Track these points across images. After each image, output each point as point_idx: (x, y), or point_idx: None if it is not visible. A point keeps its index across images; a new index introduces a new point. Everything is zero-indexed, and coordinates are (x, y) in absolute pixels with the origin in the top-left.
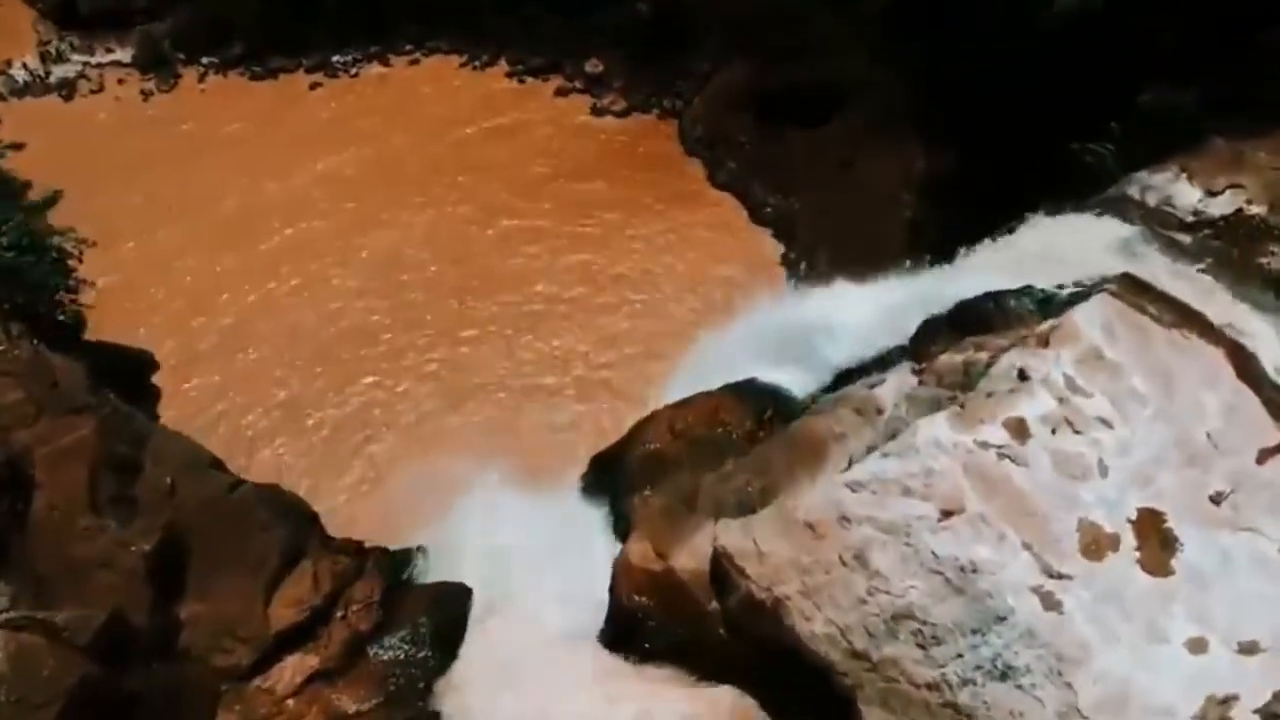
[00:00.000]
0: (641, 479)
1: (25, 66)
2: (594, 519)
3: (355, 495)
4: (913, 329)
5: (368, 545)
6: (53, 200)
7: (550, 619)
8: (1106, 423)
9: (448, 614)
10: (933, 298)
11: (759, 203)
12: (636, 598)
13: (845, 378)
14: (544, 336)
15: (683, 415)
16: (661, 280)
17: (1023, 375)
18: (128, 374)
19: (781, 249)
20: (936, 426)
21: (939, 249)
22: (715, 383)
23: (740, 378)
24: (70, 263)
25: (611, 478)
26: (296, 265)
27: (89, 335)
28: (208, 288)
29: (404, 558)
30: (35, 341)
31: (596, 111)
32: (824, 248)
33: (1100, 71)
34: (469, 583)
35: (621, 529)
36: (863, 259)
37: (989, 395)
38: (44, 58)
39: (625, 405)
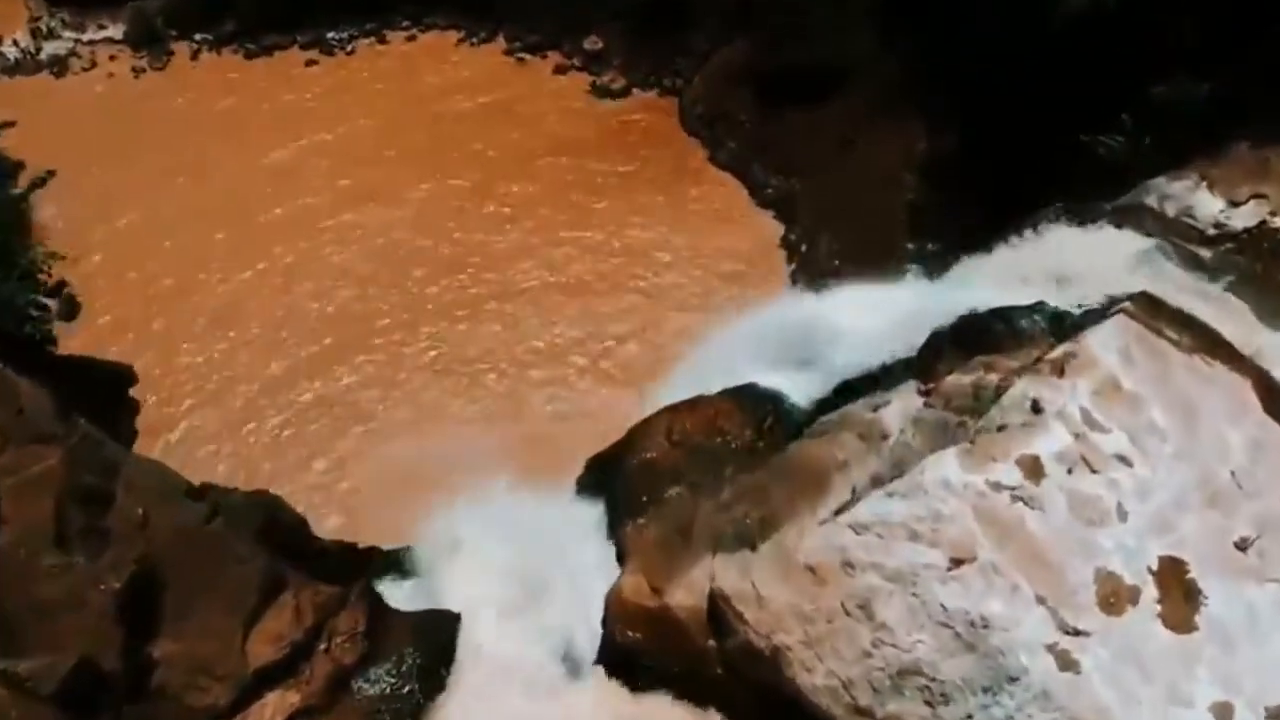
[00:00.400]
0: (638, 490)
1: (16, 43)
2: (589, 527)
3: (348, 487)
4: (918, 337)
5: (361, 545)
6: (43, 181)
7: (541, 639)
8: (1125, 461)
9: (435, 643)
10: (940, 304)
11: (760, 183)
12: (630, 633)
13: (848, 388)
14: (542, 319)
15: (680, 423)
16: (662, 262)
17: (1036, 407)
18: (104, 389)
19: (783, 231)
20: (945, 465)
21: (941, 232)
22: (714, 382)
23: (740, 379)
24: (40, 278)
25: (608, 485)
26: (290, 244)
27: (83, 316)
28: (199, 267)
29: (396, 558)
30: (1, 365)
31: (596, 89)
32: (825, 230)
33: (1110, 62)
34: (459, 592)
35: (616, 539)
36: (864, 242)
37: (1000, 429)
38: (35, 34)
39: (623, 394)
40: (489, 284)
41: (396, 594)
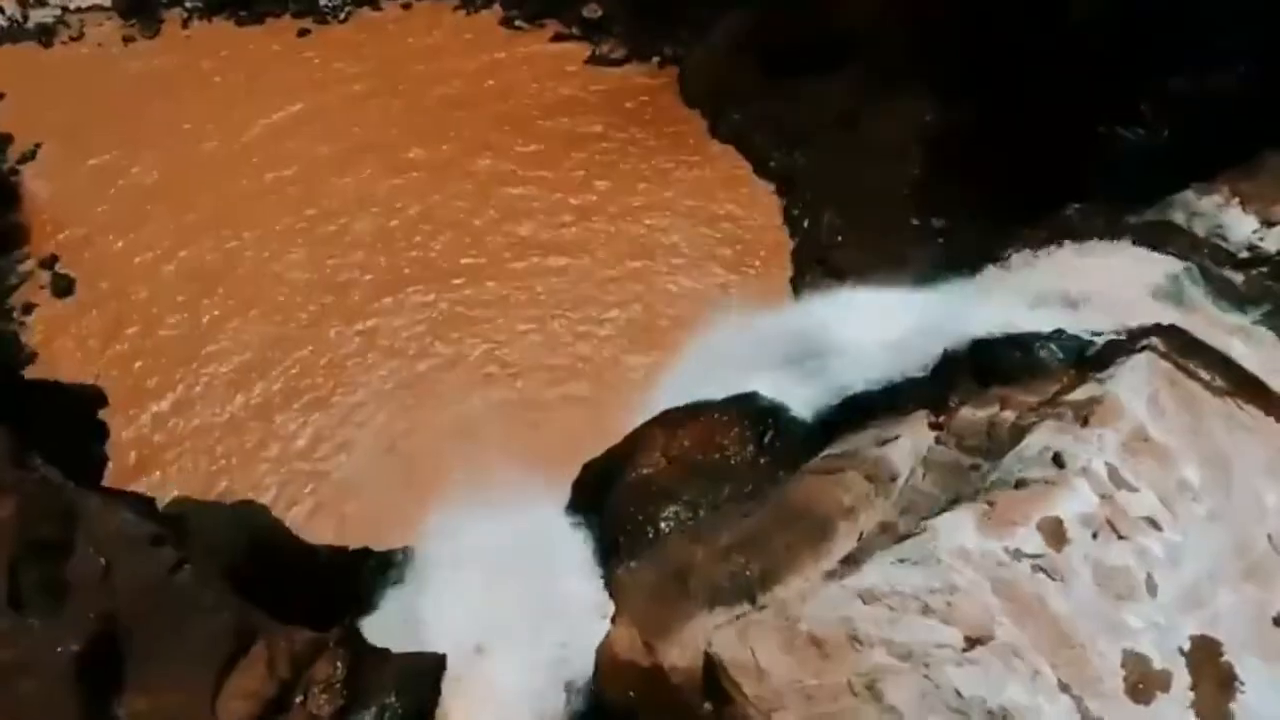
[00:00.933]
0: (633, 509)
1: (2, 11)
2: (582, 545)
3: (339, 467)
4: (927, 352)
5: (352, 548)
6: (32, 154)
7: (531, 676)
8: (1155, 524)
9: (420, 688)
10: (951, 318)
11: (762, 157)
12: (621, 691)
13: (854, 406)
14: (537, 292)
15: (678, 438)
16: (661, 236)
17: (1059, 461)
18: (71, 415)
19: (784, 204)
20: (961, 530)
21: (948, 209)
22: (714, 383)
23: (740, 383)
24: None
25: (602, 501)
26: (281, 212)
27: (79, 287)
28: (190, 238)
29: (388, 560)
30: None
31: (594, 59)
32: (828, 205)
33: (1126, 52)
34: (446, 618)
35: (608, 580)
36: (869, 217)
37: (1019, 486)
38: (22, 2)
39: (621, 369)
40: (483, 254)
41: (385, 611)
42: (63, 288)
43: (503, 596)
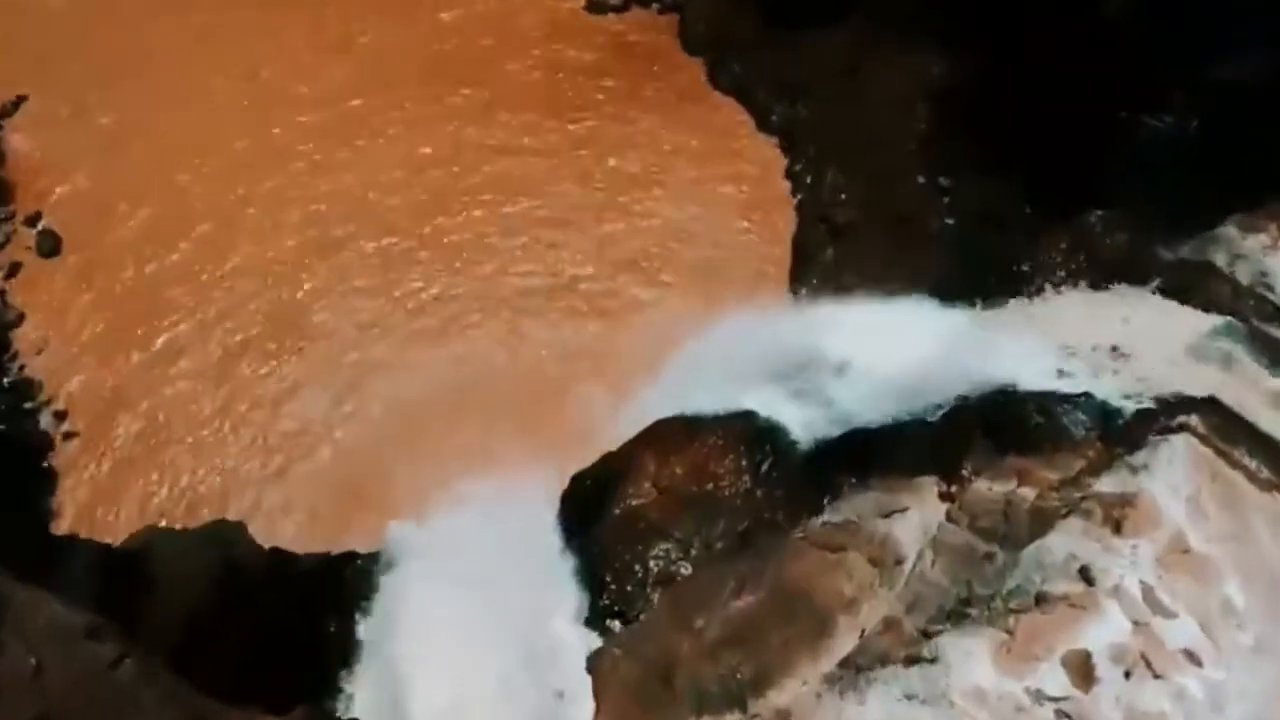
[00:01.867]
0: (621, 549)
1: None
2: (569, 576)
3: (323, 449)
4: (939, 384)
5: (334, 553)
6: (14, 108)
7: None
8: (1194, 659)
9: None
10: (965, 353)
11: (764, 109)
12: None
13: (856, 438)
14: (533, 250)
15: (670, 465)
16: (658, 190)
17: (1086, 575)
18: (17, 468)
19: (786, 159)
20: (976, 663)
21: (955, 167)
22: (708, 396)
23: (737, 392)
24: None
25: (591, 518)
26: (271, 168)
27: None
28: (173, 189)
29: (375, 563)
30: None
31: (592, 6)
32: (833, 161)
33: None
34: (424, 632)
35: (589, 666)
36: (874, 174)
37: (1040, 602)
38: None
39: (618, 335)
40: (481, 216)
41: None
42: (48, 248)
43: (484, 660)
